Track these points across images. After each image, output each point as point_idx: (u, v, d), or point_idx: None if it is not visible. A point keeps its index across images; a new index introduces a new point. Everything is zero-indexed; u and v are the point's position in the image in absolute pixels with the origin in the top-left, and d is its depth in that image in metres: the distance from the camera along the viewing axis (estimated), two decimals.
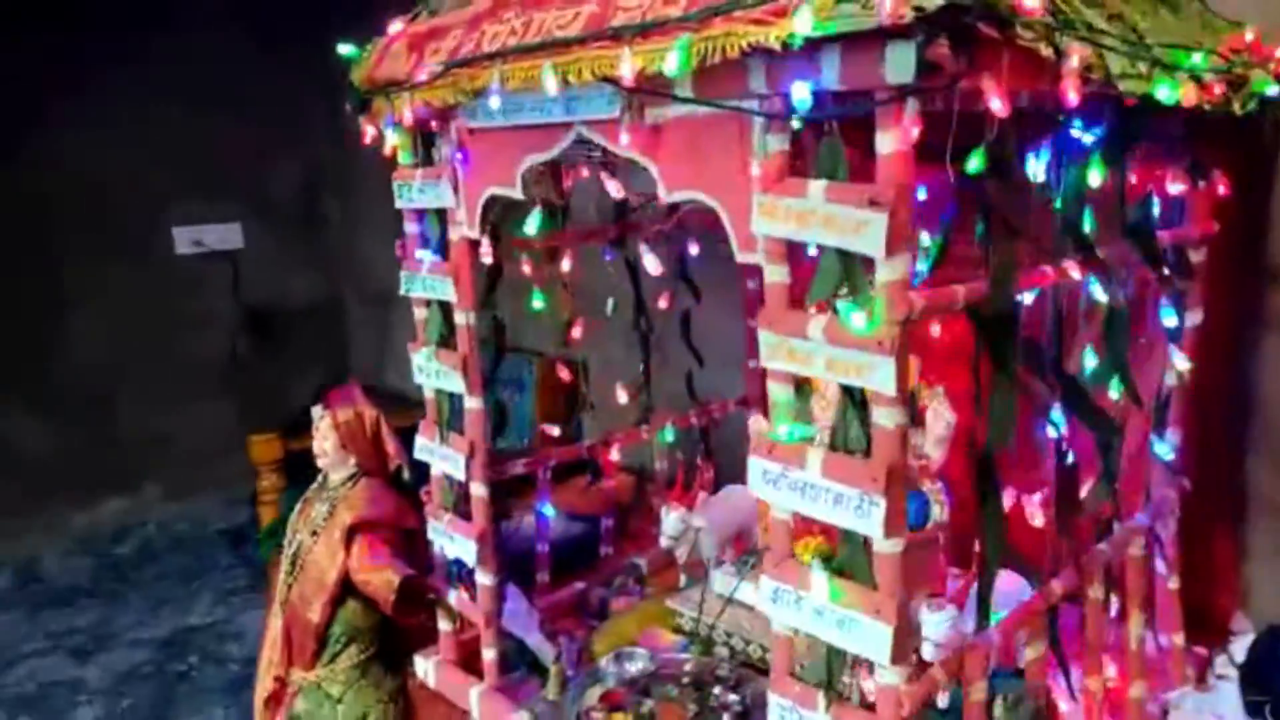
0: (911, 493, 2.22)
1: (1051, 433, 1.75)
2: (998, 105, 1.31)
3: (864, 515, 1.46)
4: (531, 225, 2.16)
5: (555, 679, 2.37)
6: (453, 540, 2.45)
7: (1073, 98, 1.36)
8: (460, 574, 2.51)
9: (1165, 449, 2.17)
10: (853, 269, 1.43)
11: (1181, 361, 2.11)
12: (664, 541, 2.76)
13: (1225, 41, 1.85)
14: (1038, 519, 1.81)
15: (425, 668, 2.65)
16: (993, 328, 1.56)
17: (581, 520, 3.28)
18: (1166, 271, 1.95)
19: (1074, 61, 1.36)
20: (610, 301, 2.88)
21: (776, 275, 1.56)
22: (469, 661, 2.57)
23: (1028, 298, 1.75)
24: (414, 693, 2.67)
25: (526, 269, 2.72)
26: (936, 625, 1.98)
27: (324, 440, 2.66)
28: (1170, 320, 2.07)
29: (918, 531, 2.29)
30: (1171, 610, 2.35)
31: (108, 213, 6.03)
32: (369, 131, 2.32)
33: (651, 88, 1.57)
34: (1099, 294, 1.77)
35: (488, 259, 2.28)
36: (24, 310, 5.91)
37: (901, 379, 1.41)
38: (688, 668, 2.37)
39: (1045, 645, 1.78)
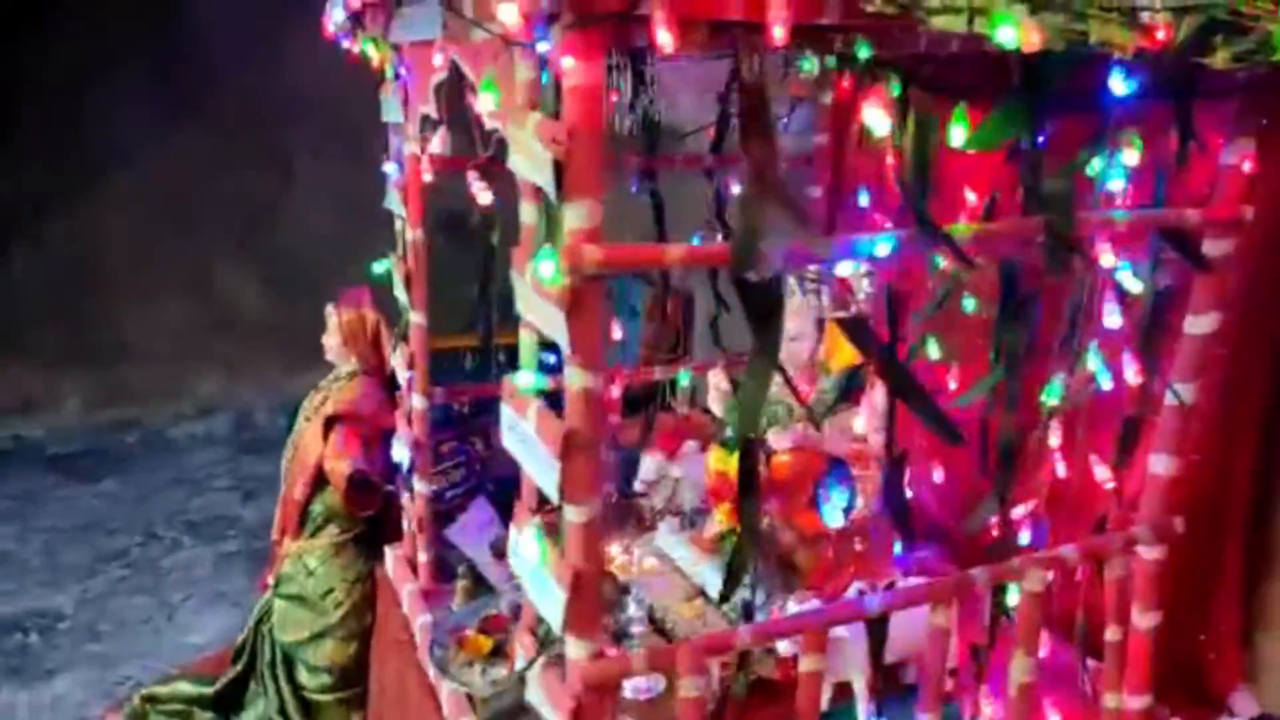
0: (843, 480, 2.04)
1: (858, 427, 1.53)
2: (665, 39, 1.14)
3: (548, 477, 1.38)
4: (441, 145, 2.16)
5: (461, 592, 2.45)
6: (400, 444, 2.57)
7: (664, 40, 1.13)
8: (406, 478, 2.63)
9: (1105, 474, 1.81)
10: (554, 215, 1.33)
11: (1131, 373, 1.74)
12: (637, 485, 2.72)
13: None
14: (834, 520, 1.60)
15: (390, 559, 2.83)
16: (748, 300, 1.38)
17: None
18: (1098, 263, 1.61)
19: None
20: None
21: (528, 216, 1.48)
22: None
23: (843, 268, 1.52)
24: (381, 580, 2.87)
25: None
26: None
27: (329, 336, 2.88)
28: (1113, 321, 1.71)
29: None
30: (1134, 664, 1.98)
31: (336, 118, 6.69)
32: (353, 50, 2.41)
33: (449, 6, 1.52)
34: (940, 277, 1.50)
35: (428, 177, 2.31)
36: (259, 194, 6.79)
37: (585, 336, 1.30)
38: None
39: (821, 661, 1.58)
